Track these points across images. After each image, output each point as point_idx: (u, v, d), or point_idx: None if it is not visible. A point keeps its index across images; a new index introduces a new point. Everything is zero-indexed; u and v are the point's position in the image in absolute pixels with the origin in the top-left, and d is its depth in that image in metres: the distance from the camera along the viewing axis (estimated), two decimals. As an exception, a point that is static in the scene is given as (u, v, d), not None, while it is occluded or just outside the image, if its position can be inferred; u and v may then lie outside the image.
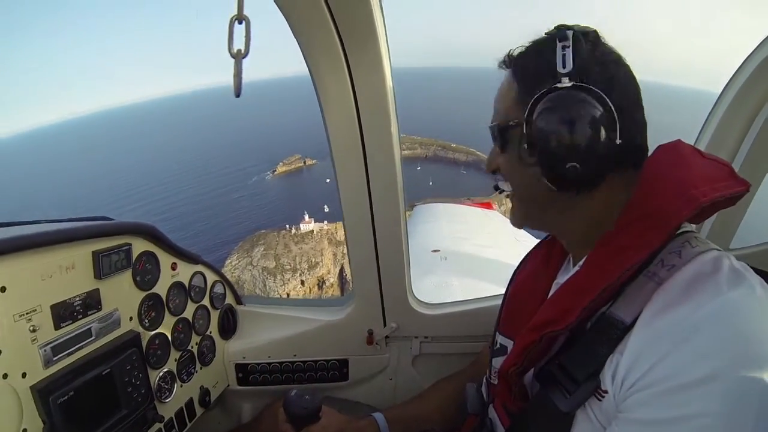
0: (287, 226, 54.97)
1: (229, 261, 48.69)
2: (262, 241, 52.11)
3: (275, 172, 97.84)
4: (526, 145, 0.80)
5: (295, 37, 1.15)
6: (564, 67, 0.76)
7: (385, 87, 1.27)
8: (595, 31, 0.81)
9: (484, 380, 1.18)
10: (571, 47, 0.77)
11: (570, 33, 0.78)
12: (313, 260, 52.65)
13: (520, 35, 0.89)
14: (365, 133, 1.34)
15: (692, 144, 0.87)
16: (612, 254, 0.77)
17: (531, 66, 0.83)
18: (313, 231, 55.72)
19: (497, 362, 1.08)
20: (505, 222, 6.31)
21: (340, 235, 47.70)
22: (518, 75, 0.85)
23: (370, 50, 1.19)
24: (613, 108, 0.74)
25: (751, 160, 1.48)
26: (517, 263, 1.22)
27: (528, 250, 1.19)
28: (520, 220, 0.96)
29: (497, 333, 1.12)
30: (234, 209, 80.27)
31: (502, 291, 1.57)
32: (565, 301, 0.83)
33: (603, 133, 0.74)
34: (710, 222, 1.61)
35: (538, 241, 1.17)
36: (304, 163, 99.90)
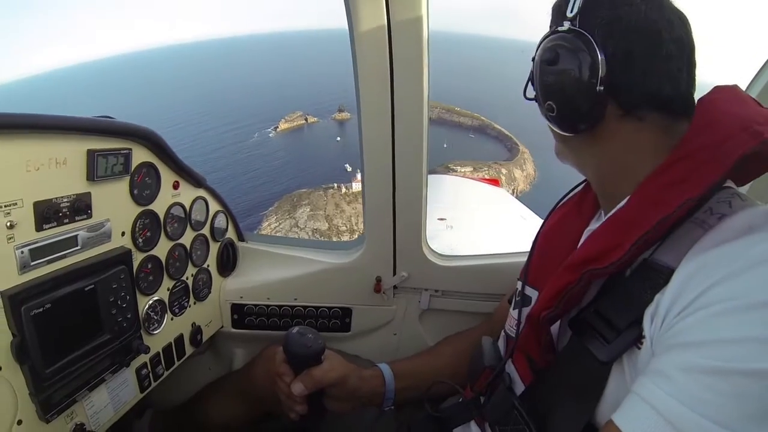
0: (335, 185, 52.12)
1: (267, 223, 45.75)
2: (306, 201, 49.16)
3: (278, 129, 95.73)
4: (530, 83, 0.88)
5: None
6: (571, 11, 0.78)
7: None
8: None
9: (502, 334, 1.14)
10: None
11: None
12: (371, 221, 49.91)
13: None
14: (395, 73, 1.28)
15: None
16: (666, 186, 0.72)
17: (554, 8, 0.85)
18: (366, 190, 52.77)
19: (518, 314, 1.03)
20: (512, 200, 6.21)
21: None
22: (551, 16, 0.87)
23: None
24: (600, 53, 0.74)
25: None
26: (522, 240, 1.18)
27: (534, 228, 1.15)
28: (556, 153, 0.98)
29: (523, 284, 1.06)
30: (248, 170, 71.75)
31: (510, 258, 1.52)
32: (611, 236, 0.77)
33: (584, 77, 0.75)
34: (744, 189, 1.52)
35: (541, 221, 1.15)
36: (306, 120, 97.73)
